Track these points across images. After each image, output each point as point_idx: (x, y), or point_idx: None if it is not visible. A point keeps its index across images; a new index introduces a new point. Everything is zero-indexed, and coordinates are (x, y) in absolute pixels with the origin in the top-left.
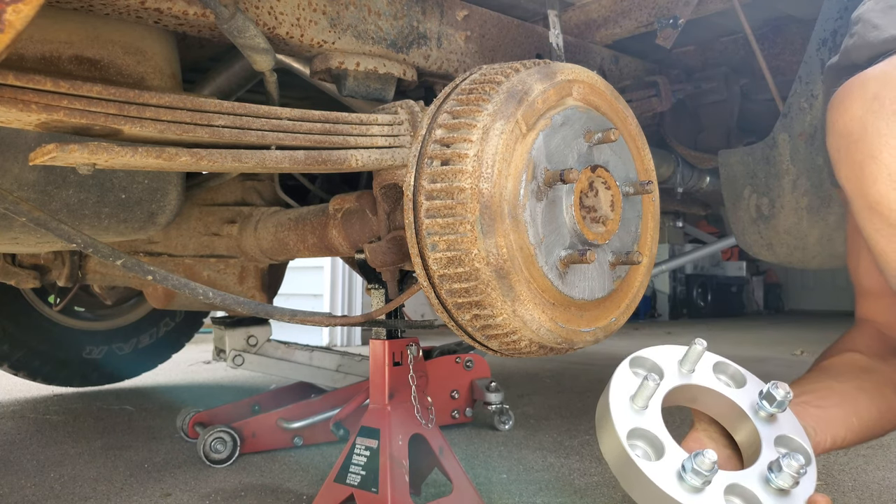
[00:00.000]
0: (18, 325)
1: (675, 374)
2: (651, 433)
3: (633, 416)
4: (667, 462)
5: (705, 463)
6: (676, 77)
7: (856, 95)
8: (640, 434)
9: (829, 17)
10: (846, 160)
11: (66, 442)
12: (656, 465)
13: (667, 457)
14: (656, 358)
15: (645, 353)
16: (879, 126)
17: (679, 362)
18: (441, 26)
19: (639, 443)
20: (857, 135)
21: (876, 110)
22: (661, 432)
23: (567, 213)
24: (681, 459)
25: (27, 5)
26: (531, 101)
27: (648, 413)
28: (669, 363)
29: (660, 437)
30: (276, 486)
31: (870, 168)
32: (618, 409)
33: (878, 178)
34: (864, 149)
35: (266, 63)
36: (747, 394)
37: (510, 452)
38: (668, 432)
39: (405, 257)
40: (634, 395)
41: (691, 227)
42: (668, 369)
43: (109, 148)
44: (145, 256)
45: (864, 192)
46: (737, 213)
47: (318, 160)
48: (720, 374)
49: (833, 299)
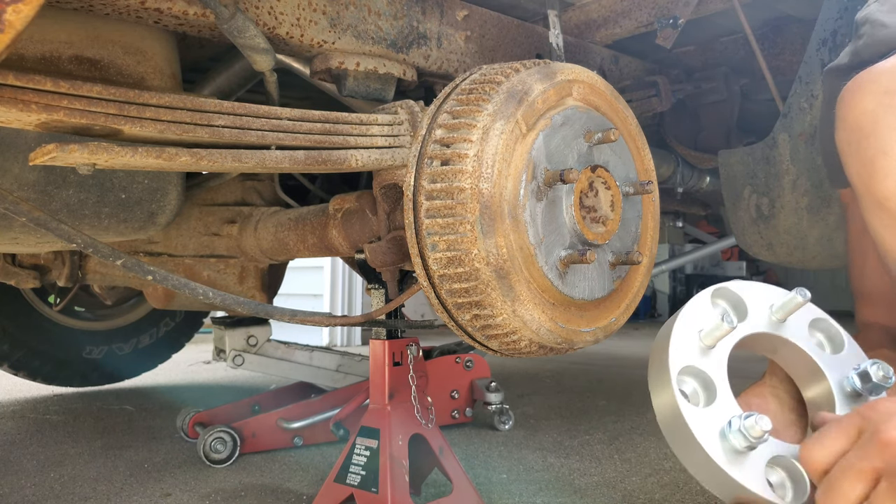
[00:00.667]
0: (18, 325)
1: (763, 319)
2: (707, 375)
3: (694, 351)
4: (714, 412)
5: (755, 429)
6: (676, 77)
7: (867, 90)
8: (695, 373)
9: (829, 17)
10: (856, 155)
11: (66, 442)
12: (701, 411)
13: (716, 406)
14: (745, 294)
15: (734, 286)
16: (891, 121)
17: (771, 307)
18: (441, 26)
19: (691, 381)
20: (869, 129)
21: (888, 105)
22: (719, 377)
23: (567, 213)
24: (731, 414)
25: (27, 5)
26: (531, 101)
27: (714, 354)
28: (759, 304)
29: (716, 382)
30: (276, 486)
31: (881, 163)
32: (679, 340)
33: (889, 174)
34: (876, 143)
35: (266, 63)
36: (839, 363)
37: (510, 452)
38: (727, 380)
39: (405, 257)
40: (704, 331)
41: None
42: (755, 311)
43: (109, 148)
44: (145, 256)
45: (874, 188)
46: (737, 213)
47: (318, 160)
48: (816, 332)
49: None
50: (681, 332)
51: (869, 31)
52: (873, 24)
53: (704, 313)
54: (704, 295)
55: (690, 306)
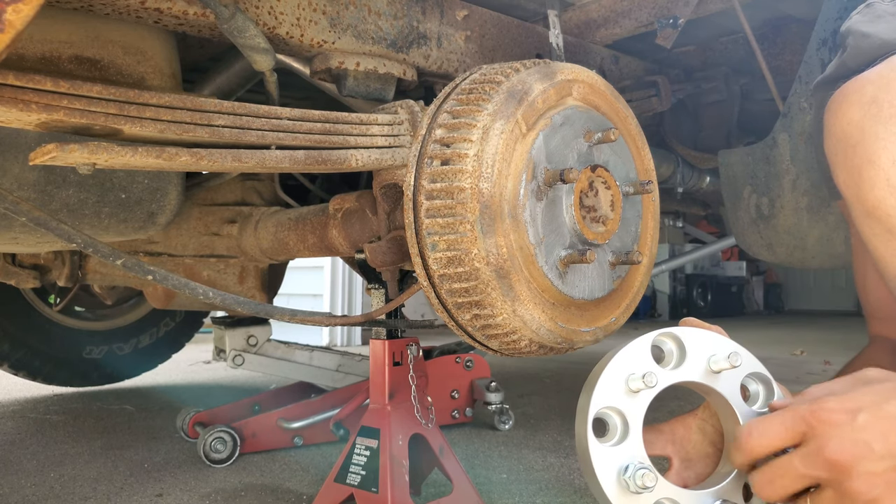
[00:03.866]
0: (18, 325)
1: (699, 369)
2: (626, 417)
3: (619, 392)
4: (622, 450)
5: (642, 481)
6: (676, 77)
7: (853, 99)
8: (617, 412)
9: (829, 17)
10: (844, 165)
11: (66, 442)
12: (608, 448)
13: (626, 445)
14: (688, 342)
15: (681, 331)
16: (877, 130)
17: (709, 359)
18: (441, 26)
19: (614, 416)
20: (855, 139)
21: (874, 114)
22: (635, 421)
23: (567, 213)
24: (633, 458)
25: (27, 5)
26: (531, 101)
27: (639, 396)
28: (699, 354)
29: (632, 425)
30: (276, 486)
31: (868, 173)
32: (607, 380)
33: (876, 183)
34: (862, 153)
35: (266, 63)
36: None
37: (510, 452)
38: (641, 426)
39: (405, 257)
40: (633, 377)
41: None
42: (693, 359)
43: (109, 148)
44: (145, 256)
45: (862, 198)
46: (737, 213)
47: (318, 160)
48: (755, 383)
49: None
50: (611, 372)
51: (852, 42)
52: (855, 36)
53: (641, 357)
54: (648, 338)
55: (630, 348)
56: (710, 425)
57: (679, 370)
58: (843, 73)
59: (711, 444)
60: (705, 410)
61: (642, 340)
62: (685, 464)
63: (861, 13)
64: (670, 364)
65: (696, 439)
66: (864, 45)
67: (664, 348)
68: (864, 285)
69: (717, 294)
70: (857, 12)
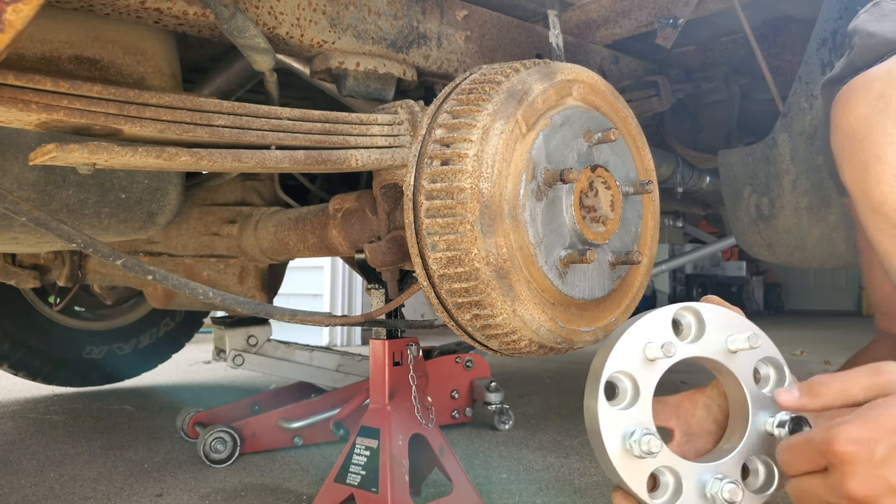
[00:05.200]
0: (18, 325)
1: (717, 346)
2: (638, 384)
3: (635, 359)
4: (630, 415)
5: (646, 446)
6: (676, 77)
7: (861, 94)
8: (630, 377)
9: (829, 17)
10: (850, 160)
11: (66, 442)
12: (616, 412)
13: (634, 410)
14: (709, 318)
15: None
16: (885, 125)
17: (727, 338)
18: (441, 26)
19: (625, 380)
20: (863, 134)
21: (882, 109)
22: (647, 389)
23: (567, 213)
24: (639, 424)
25: (27, 5)
26: (531, 101)
27: (655, 364)
28: (718, 330)
29: (642, 392)
30: (276, 486)
31: (874, 168)
32: (624, 346)
33: (883, 178)
34: (869, 148)
35: (266, 63)
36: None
37: (510, 452)
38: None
39: (405, 257)
40: (651, 345)
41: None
42: (711, 335)
43: (109, 148)
44: (145, 256)
45: (868, 193)
46: (737, 213)
47: (318, 160)
48: (767, 366)
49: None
50: (629, 339)
51: (859, 40)
52: (862, 35)
53: (661, 327)
54: (669, 310)
55: (651, 317)
56: (716, 404)
57: (696, 344)
58: (850, 71)
59: (715, 421)
60: (713, 389)
61: (663, 311)
62: (687, 437)
63: (868, 12)
64: (688, 338)
65: (700, 415)
66: (870, 44)
67: (683, 322)
68: (871, 281)
69: (717, 294)
70: (865, 11)
